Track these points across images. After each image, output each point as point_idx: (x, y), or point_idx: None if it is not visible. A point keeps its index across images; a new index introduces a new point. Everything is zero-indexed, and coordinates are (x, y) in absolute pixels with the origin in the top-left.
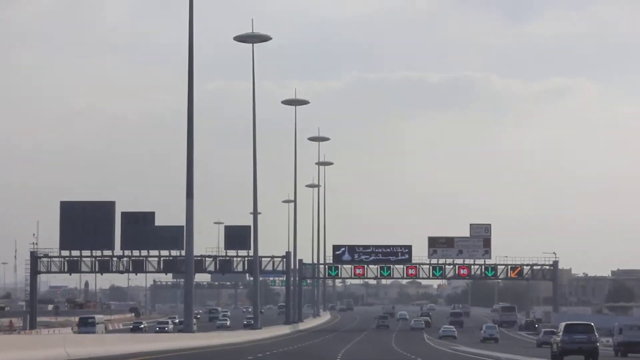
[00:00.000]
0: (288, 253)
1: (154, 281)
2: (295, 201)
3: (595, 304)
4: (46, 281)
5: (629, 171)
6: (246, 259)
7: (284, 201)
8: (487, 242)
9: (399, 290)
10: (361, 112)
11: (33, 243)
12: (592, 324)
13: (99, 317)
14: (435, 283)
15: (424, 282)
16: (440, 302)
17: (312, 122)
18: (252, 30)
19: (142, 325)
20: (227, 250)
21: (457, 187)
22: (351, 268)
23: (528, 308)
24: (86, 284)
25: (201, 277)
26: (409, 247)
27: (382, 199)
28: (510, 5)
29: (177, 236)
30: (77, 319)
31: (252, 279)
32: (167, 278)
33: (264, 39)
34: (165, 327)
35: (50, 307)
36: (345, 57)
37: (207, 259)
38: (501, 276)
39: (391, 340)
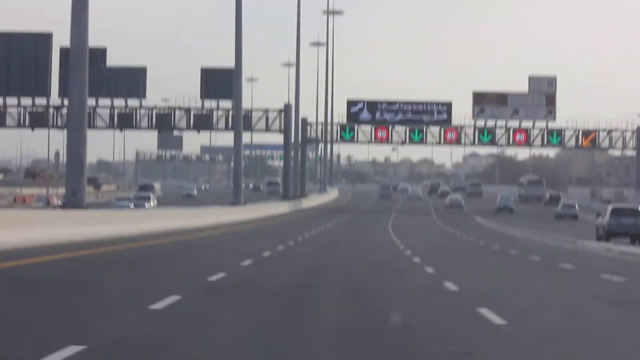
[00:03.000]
0: (287, 106)
1: (137, 152)
2: (298, 18)
3: None
4: (32, 154)
5: None
6: (230, 112)
7: (284, 64)
8: (551, 100)
9: (410, 169)
10: None
11: None
12: (639, 208)
13: None
14: (449, 159)
15: (439, 159)
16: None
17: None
18: None
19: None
20: (205, 100)
21: (503, 38)
22: (371, 130)
23: (560, 188)
24: (56, 154)
25: (189, 149)
26: (448, 105)
27: (409, 57)
28: None
29: (137, 80)
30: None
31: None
32: (151, 148)
33: None
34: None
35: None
36: None
37: (177, 111)
38: (569, 144)
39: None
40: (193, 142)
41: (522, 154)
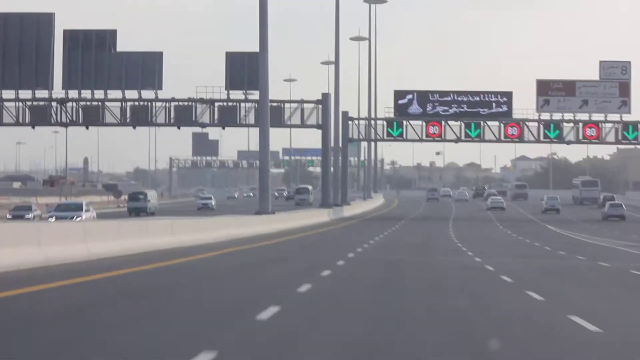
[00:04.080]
0: (326, 95)
1: (170, 159)
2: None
3: None
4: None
5: None
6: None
7: (323, 62)
8: (624, 89)
9: (457, 173)
10: None
11: None
12: None
13: None
14: (494, 163)
15: (486, 163)
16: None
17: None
18: None
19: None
20: (231, 91)
21: (569, 20)
22: (421, 126)
23: (617, 191)
24: (85, 160)
25: (227, 155)
26: (509, 95)
27: (462, 45)
28: None
29: (152, 68)
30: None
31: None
32: (186, 154)
33: None
34: None
35: (17, 184)
36: None
37: (198, 104)
38: None
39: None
40: (230, 147)
41: (575, 156)
